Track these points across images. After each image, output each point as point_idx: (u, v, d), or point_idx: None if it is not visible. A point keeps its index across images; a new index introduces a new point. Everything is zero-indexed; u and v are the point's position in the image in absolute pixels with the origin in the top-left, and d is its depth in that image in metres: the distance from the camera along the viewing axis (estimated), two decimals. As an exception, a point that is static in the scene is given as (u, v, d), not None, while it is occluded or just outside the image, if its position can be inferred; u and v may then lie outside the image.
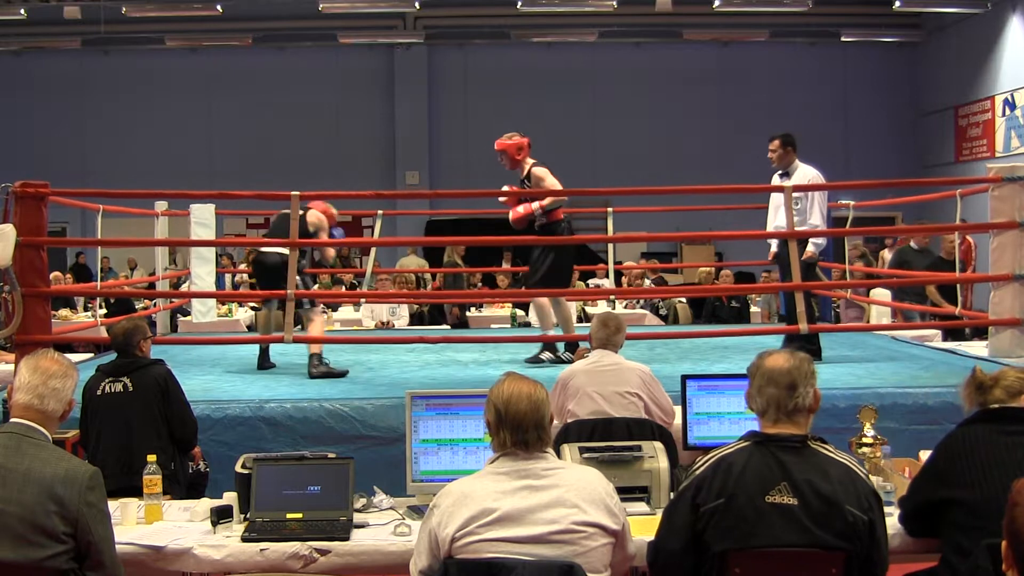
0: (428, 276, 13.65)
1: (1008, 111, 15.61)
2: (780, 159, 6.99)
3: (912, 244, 10.51)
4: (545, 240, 6.83)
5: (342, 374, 6.49)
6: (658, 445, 3.87)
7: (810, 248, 6.71)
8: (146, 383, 4.66)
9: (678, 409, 4.57)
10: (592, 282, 13.07)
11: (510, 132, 7.06)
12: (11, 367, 5.75)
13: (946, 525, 3.15)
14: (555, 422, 3.54)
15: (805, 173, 6.90)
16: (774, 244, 7.25)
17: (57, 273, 11.44)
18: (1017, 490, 1.89)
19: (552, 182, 6.83)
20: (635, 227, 12.66)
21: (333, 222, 7.09)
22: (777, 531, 2.75)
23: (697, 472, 2.87)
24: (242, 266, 15.38)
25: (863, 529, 2.77)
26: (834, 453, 2.87)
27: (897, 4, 16.09)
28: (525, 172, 6.94)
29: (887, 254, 13.42)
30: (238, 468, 3.69)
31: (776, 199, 7.05)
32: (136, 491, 3.75)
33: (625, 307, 11.55)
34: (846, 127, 18.88)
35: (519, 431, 2.79)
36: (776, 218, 7.05)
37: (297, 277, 6.29)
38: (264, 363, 6.99)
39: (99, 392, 4.66)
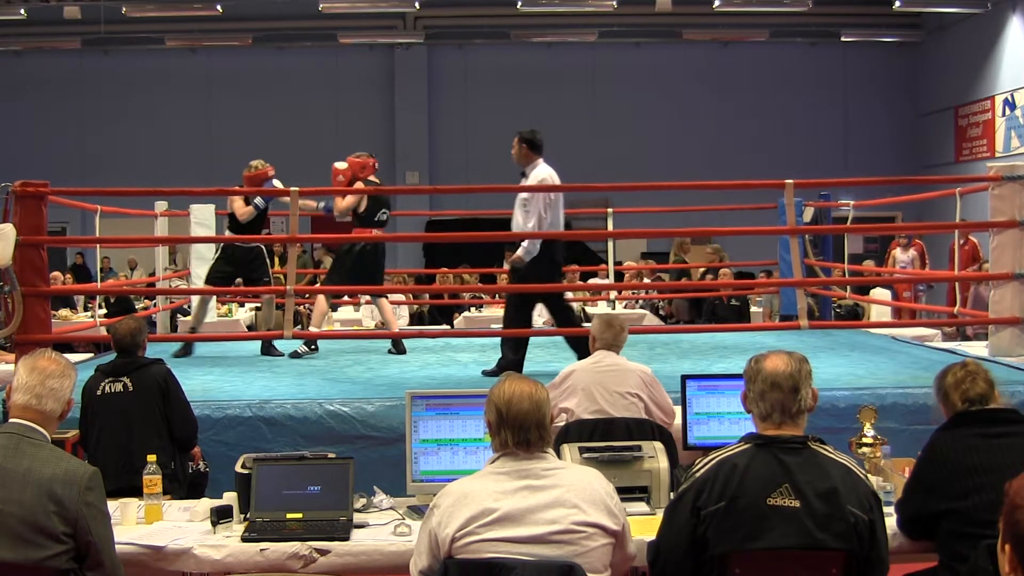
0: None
1: (1008, 111, 15.61)
2: (519, 157, 6.69)
3: None
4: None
5: None
6: (658, 445, 3.87)
7: (519, 252, 6.47)
8: (146, 383, 4.66)
9: (678, 409, 4.57)
10: (592, 281, 13.08)
11: (360, 152, 7.82)
12: (11, 367, 5.75)
13: (942, 533, 3.15)
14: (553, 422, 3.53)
15: (538, 173, 6.60)
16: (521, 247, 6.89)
17: (57, 273, 11.44)
18: (1015, 491, 1.88)
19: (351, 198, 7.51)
20: (635, 227, 12.64)
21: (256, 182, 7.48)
22: (779, 533, 2.74)
23: (698, 474, 2.85)
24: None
25: (864, 529, 2.76)
26: (834, 454, 2.86)
27: (897, 4, 16.09)
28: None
29: (899, 253, 13.35)
30: (238, 468, 3.69)
31: (519, 199, 6.73)
32: (136, 491, 3.75)
33: (625, 307, 11.56)
34: (846, 127, 18.88)
35: (521, 431, 2.79)
36: (514, 219, 6.77)
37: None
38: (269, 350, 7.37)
39: (99, 392, 4.65)
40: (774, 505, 2.75)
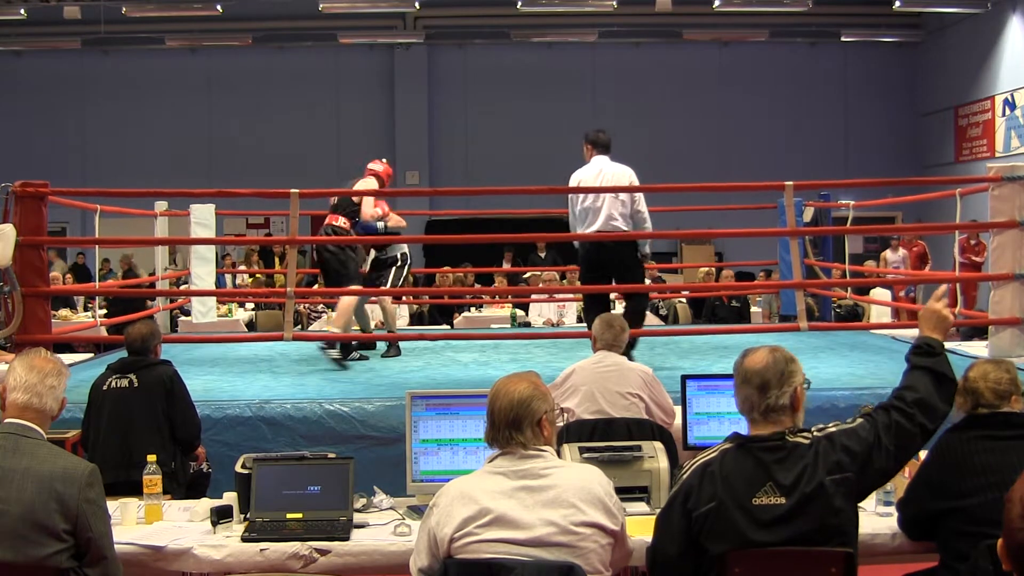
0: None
1: (1008, 111, 15.61)
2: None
3: None
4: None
5: None
6: (658, 445, 3.87)
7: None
8: (151, 381, 4.71)
9: (678, 409, 4.57)
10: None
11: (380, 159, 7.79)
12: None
13: (944, 532, 3.15)
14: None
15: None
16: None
17: (56, 273, 11.44)
18: (1012, 488, 1.90)
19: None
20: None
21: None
22: (771, 532, 2.75)
23: (684, 478, 2.86)
24: (242, 267, 15.41)
25: (849, 486, 2.78)
26: (816, 432, 2.86)
27: (897, 4, 16.09)
28: None
29: (889, 254, 13.41)
30: (238, 468, 3.70)
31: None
32: (133, 484, 3.76)
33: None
34: (846, 127, 18.87)
35: (493, 428, 2.81)
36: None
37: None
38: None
39: (105, 387, 4.73)
40: (760, 504, 2.76)
